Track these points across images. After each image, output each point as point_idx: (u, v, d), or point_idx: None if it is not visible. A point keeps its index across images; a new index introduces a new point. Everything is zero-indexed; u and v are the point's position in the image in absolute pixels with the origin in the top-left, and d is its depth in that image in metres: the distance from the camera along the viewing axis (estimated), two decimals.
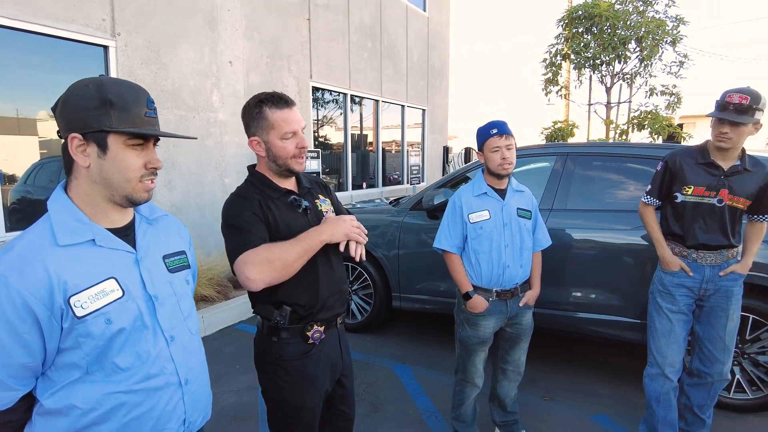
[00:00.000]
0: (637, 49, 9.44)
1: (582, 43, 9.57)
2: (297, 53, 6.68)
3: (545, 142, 10.60)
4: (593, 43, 9.51)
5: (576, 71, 10.31)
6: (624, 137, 10.10)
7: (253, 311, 1.59)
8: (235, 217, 1.47)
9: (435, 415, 2.98)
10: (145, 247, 1.14)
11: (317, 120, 7.60)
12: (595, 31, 9.50)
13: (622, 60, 9.58)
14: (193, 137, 1.18)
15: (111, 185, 1.06)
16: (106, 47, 4.29)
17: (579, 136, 11.30)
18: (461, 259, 2.36)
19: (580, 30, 9.75)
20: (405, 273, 3.98)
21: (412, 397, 3.20)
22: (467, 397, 2.53)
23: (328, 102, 7.84)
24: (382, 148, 9.27)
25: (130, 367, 1.05)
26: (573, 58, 9.97)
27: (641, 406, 2.92)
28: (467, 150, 12.17)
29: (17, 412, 1.01)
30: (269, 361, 1.55)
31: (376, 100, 8.90)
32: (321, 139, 7.81)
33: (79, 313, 0.99)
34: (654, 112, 9.70)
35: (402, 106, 9.83)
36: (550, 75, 10.51)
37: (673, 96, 9.72)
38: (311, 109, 7.18)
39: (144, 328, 1.08)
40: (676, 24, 9.38)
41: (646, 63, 9.53)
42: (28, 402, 1.03)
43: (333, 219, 1.53)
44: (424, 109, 10.66)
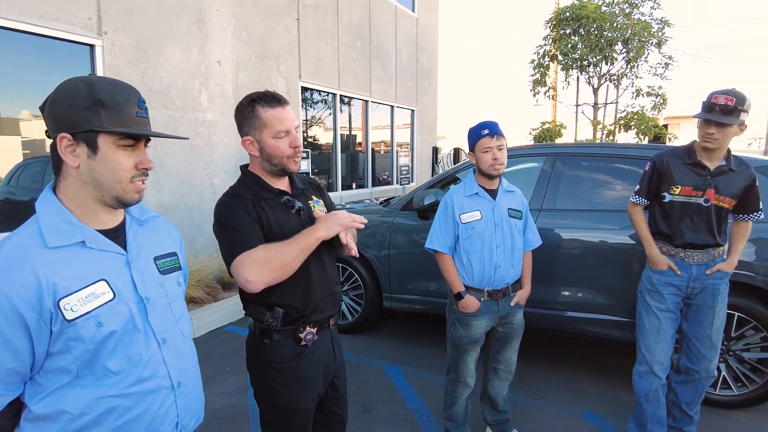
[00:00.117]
0: (624, 50, 9.56)
1: (569, 45, 9.67)
2: (286, 53, 6.65)
3: (533, 142, 10.68)
4: (580, 44, 9.61)
5: (563, 72, 10.41)
6: (611, 138, 10.22)
7: (245, 313, 1.58)
8: (229, 217, 1.45)
9: (426, 415, 2.98)
10: (136, 249, 1.12)
11: (306, 120, 7.57)
12: (583, 33, 9.61)
13: (609, 61, 9.70)
14: (185, 137, 1.17)
15: (101, 186, 1.04)
16: (92, 46, 4.23)
17: (567, 136, 11.41)
18: (453, 260, 2.37)
19: (568, 31, 9.86)
20: (396, 273, 3.98)
21: (403, 397, 3.20)
22: (459, 397, 2.53)
23: (318, 102, 7.82)
24: (372, 149, 9.27)
25: (121, 370, 1.04)
26: (560, 59, 10.07)
27: (630, 404, 2.96)
28: (456, 150, 12.22)
29: (5, 418, 0.99)
30: (261, 363, 1.53)
31: (365, 101, 8.89)
32: (310, 140, 7.78)
33: (68, 316, 0.97)
34: (640, 112, 9.84)
35: (391, 107, 9.84)
36: (538, 76, 10.60)
37: (658, 97, 9.87)
38: (300, 110, 7.16)
39: (135, 330, 1.06)
40: (661, 26, 9.53)
41: (632, 64, 9.67)
42: (16, 407, 1.00)
43: (326, 215, 1.52)
44: (413, 110, 10.68)
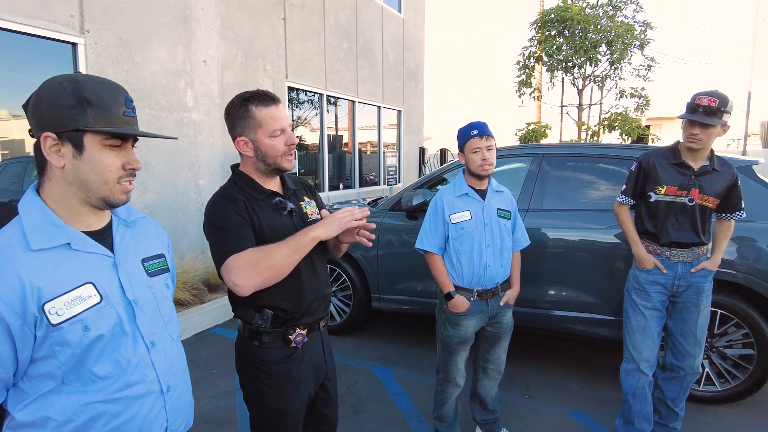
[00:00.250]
0: (608, 52, 9.69)
1: (554, 46, 9.77)
2: (272, 53, 6.60)
3: (519, 143, 10.77)
4: (565, 46, 9.72)
5: (549, 73, 10.52)
6: (595, 138, 10.35)
7: (234, 315, 1.55)
8: (220, 218, 1.43)
9: (416, 415, 2.98)
10: (124, 251, 1.10)
11: (293, 120, 7.53)
12: (567, 35, 9.72)
13: (593, 63, 9.82)
14: (174, 137, 1.15)
15: (87, 187, 1.01)
16: (74, 44, 4.15)
17: (552, 137, 11.52)
18: (443, 260, 2.37)
19: (553, 33, 9.96)
20: (384, 274, 3.97)
21: (392, 398, 3.19)
22: (449, 397, 2.54)
23: (304, 102, 7.78)
24: (359, 149, 9.25)
25: (109, 375, 1.01)
26: (546, 60, 10.17)
27: (616, 402, 2.99)
28: (443, 151, 12.26)
29: None
30: (251, 366, 1.51)
31: (352, 101, 8.88)
32: (297, 140, 7.75)
33: (54, 320, 0.94)
34: (624, 113, 9.98)
35: (378, 107, 9.83)
36: (523, 77, 10.69)
37: (642, 98, 10.02)
38: (287, 110, 7.12)
39: (123, 334, 1.04)
40: (643, 29, 9.68)
41: (616, 66, 9.80)
42: None
43: (327, 216, 1.48)
44: (399, 110, 10.69)
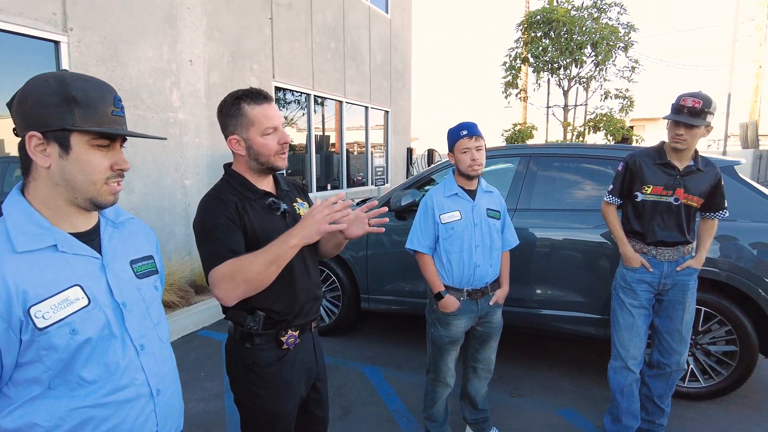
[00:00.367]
0: (593, 54, 9.81)
1: (540, 47, 9.87)
2: (259, 53, 6.56)
3: (505, 143, 10.85)
4: (551, 47, 9.82)
5: (535, 74, 10.62)
6: (581, 139, 10.47)
7: (225, 317, 1.54)
8: (210, 219, 1.41)
9: (406, 415, 2.98)
10: (112, 252, 1.08)
11: None
12: (553, 36, 9.82)
13: (578, 64, 9.94)
14: (163, 137, 1.13)
15: (74, 187, 0.99)
16: (57, 43, 4.07)
17: (537, 137, 11.63)
18: (433, 260, 2.38)
19: (539, 34, 10.05)
20: (373, 274, 3.97)
21: (382, 398, 3.19)
22: (439, 397, 2.54)
23: (291, 102, 7.74)
24: (346, 150, 9.24)
25: (97, 379, 0.99)
26: (532, 61, 10.26)
27: (604, 399, 3.03)
28: (430, 152, 12.30)
29: None
30: (243, 368, 1.50)
31: (339, 101, 8.85)
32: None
33: (40, 324, 0.92)
34: (609, 114, 10.11)
35: (365, 108, 9.83)
36: (510, 78, 10.77)
37: (626, 99, 10.17)
38: None
39: (112, 337, 1.02)
40: (627, 30, 9.81)
41: (600, 67, 9.92)
42: None
43: (302, 220, 1.35)
44: (387, 111, 10.69)
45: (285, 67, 7.14)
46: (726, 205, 2.49)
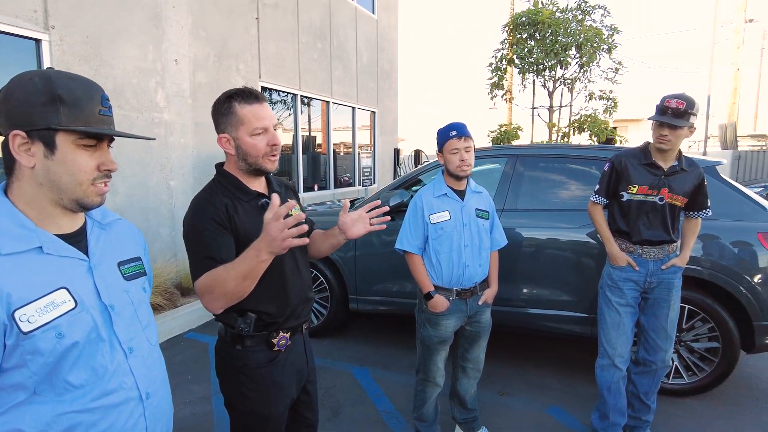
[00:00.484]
0: (577, 55, 9.93)
1: (526, 49, 9.95)
2: (245, 52, 6.51)
3: (491, 144, 10.92)
4: (536, 49, 9.91)
5: (520, 76, 10.71)
6: (565, 139, 10.59)
7: (215, 318, 1.52)
8: (199, 222, 1.39)
9: (396, 416, 2.98)
10: (99, 254, 1.06)
11: None
12: (538, 38, 9.91)
13: (563, 65, 10.04)
14: (151, 138, 1.11)
15: (59, 188, 0.97)
16: (38, 41, 3.99)
17: (523, 138, 11.73)
18: (422, 260, 2.38)
19: (524, 36, 10.14)
20: (362, 274, 3.96)
21: (372, 399, 3.18)
22: (429, 397, 2.54)
23: (278, 103, 7.69)
24: (333, 150, 9.21)
25: (84, 384, 0.97)
26: (517, 62, 10.35)
27: (592, 397, 3.06)
28: (417, 152, 12.32)
29: None
30: (233, 370, 1.48)
31: (326, 101, 8.83)
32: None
33: (25, 328, 0.90)
34: (593, 115, 10.24)
35: (352, 108, 9.81)
36: (495, 79, 10.85)
37: (610, 100, 10.31)
38: None
39: (100, 340, 1.00)
40: (611, 33, 9.95)
41: (585, 69, 10.04)
42: None
43: (262, 235, 1.20)
44: (374, 111, 10.69)
45: (271, 67, 7.10)
46: (709, 204, 2.54)
